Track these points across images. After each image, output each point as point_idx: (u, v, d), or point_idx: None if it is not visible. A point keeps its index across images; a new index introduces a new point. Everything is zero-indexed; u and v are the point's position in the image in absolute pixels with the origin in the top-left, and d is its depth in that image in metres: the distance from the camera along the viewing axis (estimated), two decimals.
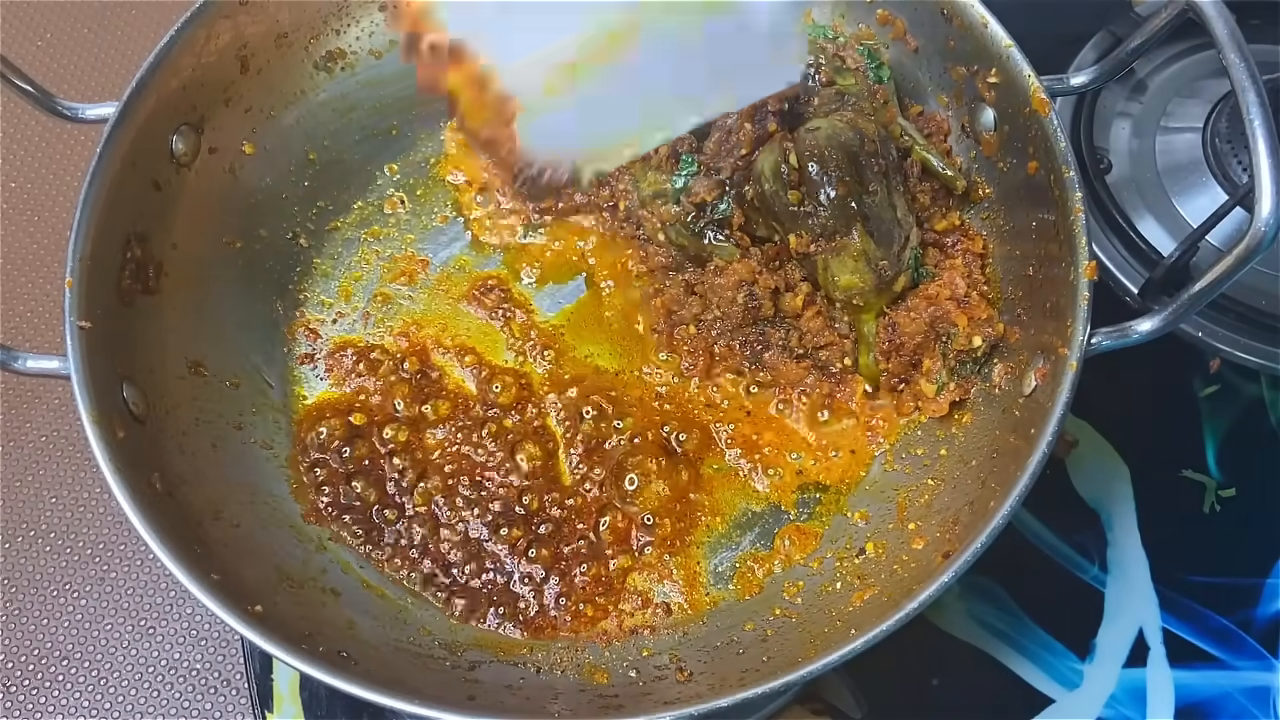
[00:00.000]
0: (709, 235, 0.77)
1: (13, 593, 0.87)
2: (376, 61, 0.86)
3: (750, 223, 0.76)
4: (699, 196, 0.76)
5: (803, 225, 0.73)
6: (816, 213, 0.72)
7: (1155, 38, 0.71)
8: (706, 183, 0.76)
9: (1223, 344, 0.85)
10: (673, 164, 0.78)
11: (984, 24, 0.74)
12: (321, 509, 0.75)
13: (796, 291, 0.76)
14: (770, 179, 0.73)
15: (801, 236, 0.73)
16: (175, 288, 0.76)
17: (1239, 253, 0.58)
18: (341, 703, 0.79)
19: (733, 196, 0.76)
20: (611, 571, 0.74)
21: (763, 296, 0.76)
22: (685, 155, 0.77)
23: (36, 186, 1.03)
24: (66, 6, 1.12)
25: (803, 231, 0.73)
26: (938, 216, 0.78)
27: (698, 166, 0.77)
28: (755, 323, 0.78)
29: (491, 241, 0.86)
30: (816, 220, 0.72)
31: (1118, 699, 0.79)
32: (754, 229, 0.76)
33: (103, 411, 0.65)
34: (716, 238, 0.77)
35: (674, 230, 0.78)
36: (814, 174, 0.72)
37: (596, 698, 0.67)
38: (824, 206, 0.72)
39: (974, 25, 0.74)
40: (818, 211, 0.72)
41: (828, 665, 0.58)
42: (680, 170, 0.77)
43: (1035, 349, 0.70)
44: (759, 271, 0.76)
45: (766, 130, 0.74)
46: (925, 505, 0.72)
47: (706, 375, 0.80)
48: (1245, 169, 0.88)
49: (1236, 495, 0.85)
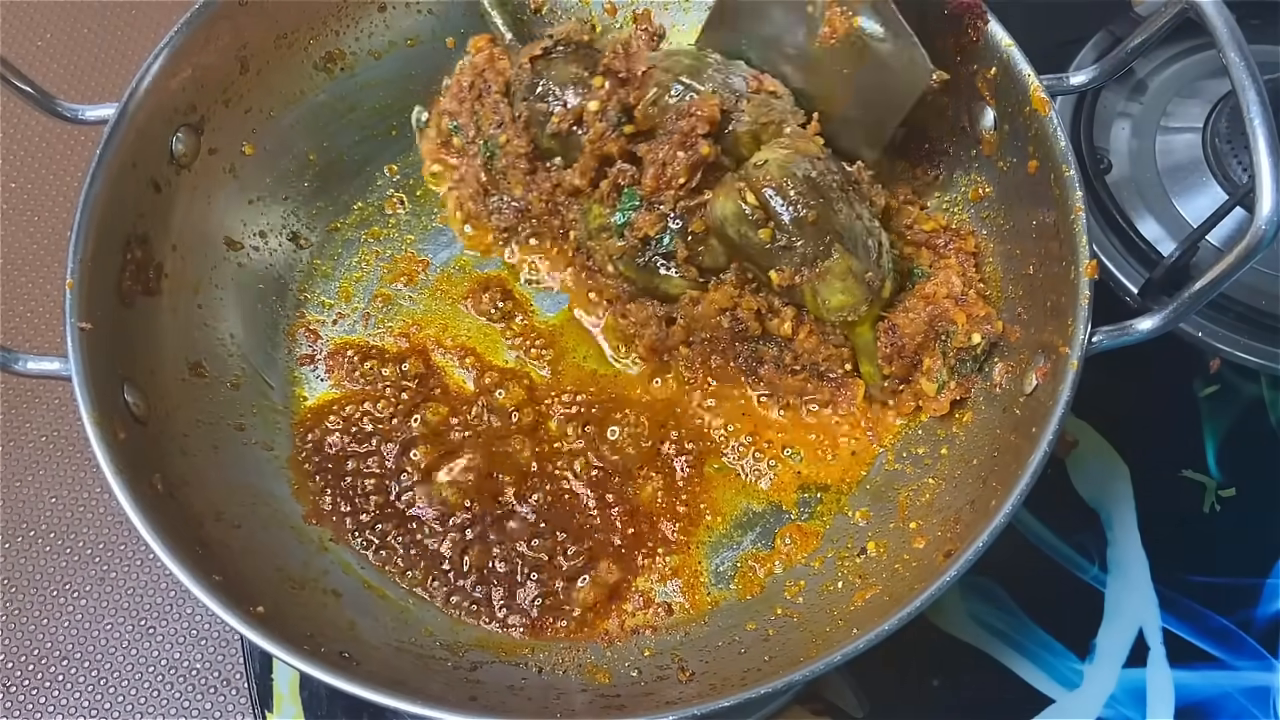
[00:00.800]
0: (657, 268, 0.76)
1: (13, 593, 0.87)
2: (376, 62, 0.86)
3: (695, 255, 0.75)
4: (642, 230, 0.75)
5: (781, 260, 0.71)
6: (792, 245, 0.71)
7: (1155, 38, 0.71)
8: (649, 216, 0.74)
9: (1223, 344, 0.85)
10: (615, 198, 0.76)
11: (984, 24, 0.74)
12: (323, 510, 0.75)
13: (783, 316, 0.75)
14: (735, 223, 0.71)
15: (783, 271, 0.71)
16: (176, 289, 0.76)
17: (1239, 252, 0.58)
18: (342, 703, 0.79)
19: (676, 230, 0.75)
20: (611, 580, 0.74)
21: (748, 319, 0.75)
22: (627, 189, 0.76)
23: (36, 187, 1.03)
24: (66, 6, 1.12)
25: (783, 266, 0.71)
26: (921, 218, 0.78)
27: (639, 200, 0.75)
28: (746, 340, 0.77)
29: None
30: (794, 252, 0.71)
31: (1118, 699, 0.79)
32: (700, 260, 0.75)
33: (104, 413, 0.65)
34: (664, 270, 0.76)
35: (622, 264, 0.77)
36: (779, 207, 0.70)
37: (598, 698, 0.67)
38: (798, 236, 0.70)
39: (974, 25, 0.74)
40: (793, 243, 0.71)
41: (829, 665, 0.58)
42: (622, 204, 0.76)
43: (1036, 348, 0.70)
44: (738, 296, 0.75)
45: (700, 154, 0.73)
46: (927, 504, 0.72)
47: (706, 388, 0.79)
48: (1245, 169, 0.88)
49: (1236, 495, 0.85)
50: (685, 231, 0.74)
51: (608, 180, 0.76)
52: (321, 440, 0.78)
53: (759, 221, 0.71)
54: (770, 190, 0.70)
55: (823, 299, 0.72)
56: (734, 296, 0.75)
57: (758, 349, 0.77)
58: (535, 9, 0.89)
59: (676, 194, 0.74)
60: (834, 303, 0.72)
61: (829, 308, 0.72)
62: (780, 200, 0.70)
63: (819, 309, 0.73)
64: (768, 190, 0.70)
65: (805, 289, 0.72)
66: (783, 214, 0.70)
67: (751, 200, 0.71)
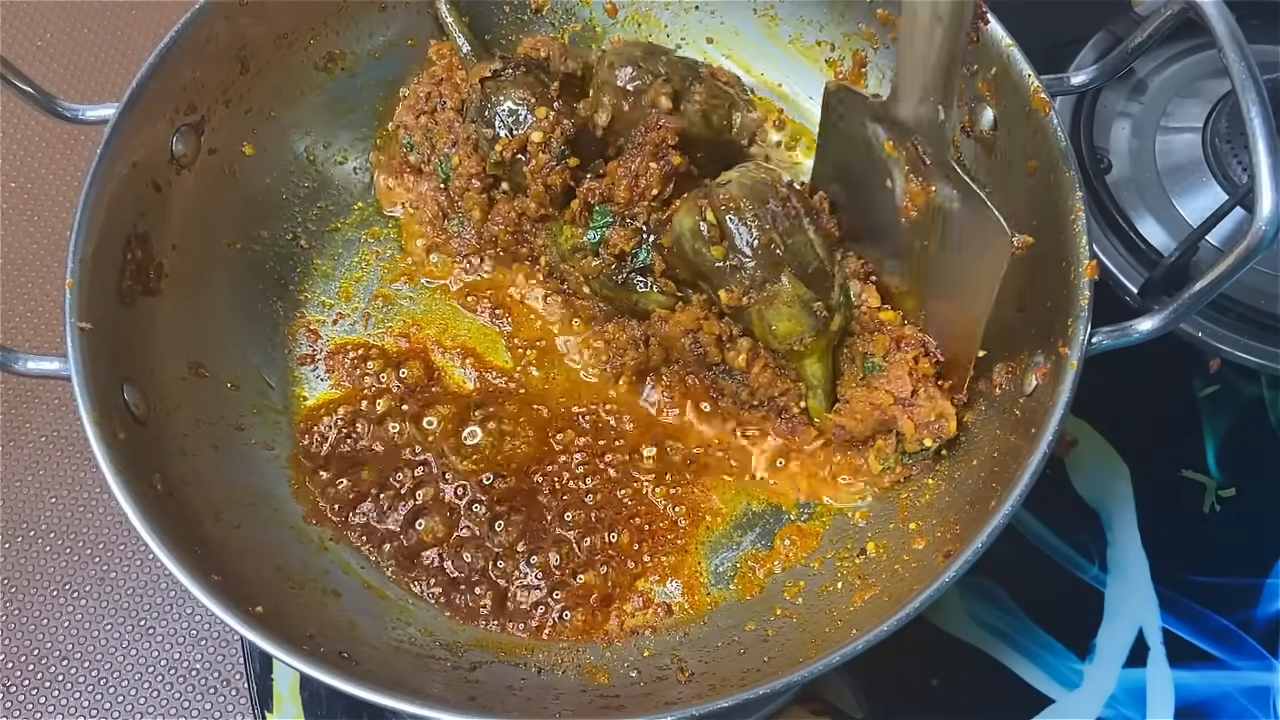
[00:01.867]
0: (635, 284, 0.76)
1: (13, 593, 0.87)
2: (376, 62, 0.86)
3: (671, 268, 0.75)
4: (617, 247, 0.75)
5: (731, 280, 0.71)
6: (743, 265, 0.71)
7: (1155, 38, 0.71)
8: (623, 232, 0.75)
9: (1223, 344, 0.85)
10: (586, 217, 0.77)
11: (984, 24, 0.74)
12: (323, 510, 0.75)
13: (738, 348, 0.74)
14: (690, 238, 0.72)
15: (732, 291, 0.71)
16: (176, 289, 0.76)
17: (1239, 252, 0.58)
18: (341, 703, 0.79)
19: (651, 244, 0.75)
20: (612, 584, 0.74)
21: (707, 344, 0.75)
22: (598, 207, 0.76)
23: (36, 186, 1.03)
24: (66, 6, 1.12)
25: (732, 286, 0.71)
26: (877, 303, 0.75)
27: (612, 216, 0.76)
28: (708, 368, 0.77)
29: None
30: (744, 272, 0.71)
31: (1118, 699, 0.79)
32: (676, 274, 0.75)
33: (103, 412, 0.65)
34: (641, 286, 0.76)
35: (598, 283, 0.78)
36: (734, 227, 0.71)
37: (598, 698, 0.67)
38: (749, 257, 0.71)
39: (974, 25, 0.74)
40: (743, 264, 0.71)
41: (829, 665, 0.58)
42: (594, 223, 0.76)
43: (1036, 348, 0.70)
44: (703, 318, 0.75)
45: (672, 164, 0.74)
46: (926, 505, 0.72)
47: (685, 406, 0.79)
48: (1245, 169, 0.88)
49: (1236, 495, 0.85)
50: (659, 245, 0.74)
51: (578, 200, 0.76)
52: (321, 440, 0.78)
53: (713, 239, 0.71)
54: (726, 208, 0.71)
55: (769, 323, 0.72)
56: (699, 318, 0.75)
57: (718, 380, 0.77)
58: (536, 9, 0.89)
59: (650, 205, 0.75)
60: (780, 329, 0.72)
61: (775, 334, 0.72)
62: (735, 220, 0.71)
63: (766, 334, 0.73)
64: (723, 208, 0.71)
65: (753, 312, 0.72)
66: (736, 234, 0.71)
67: (710, 218, 0.71)
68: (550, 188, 0.77)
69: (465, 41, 0.83)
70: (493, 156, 0.78)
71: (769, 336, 0.73)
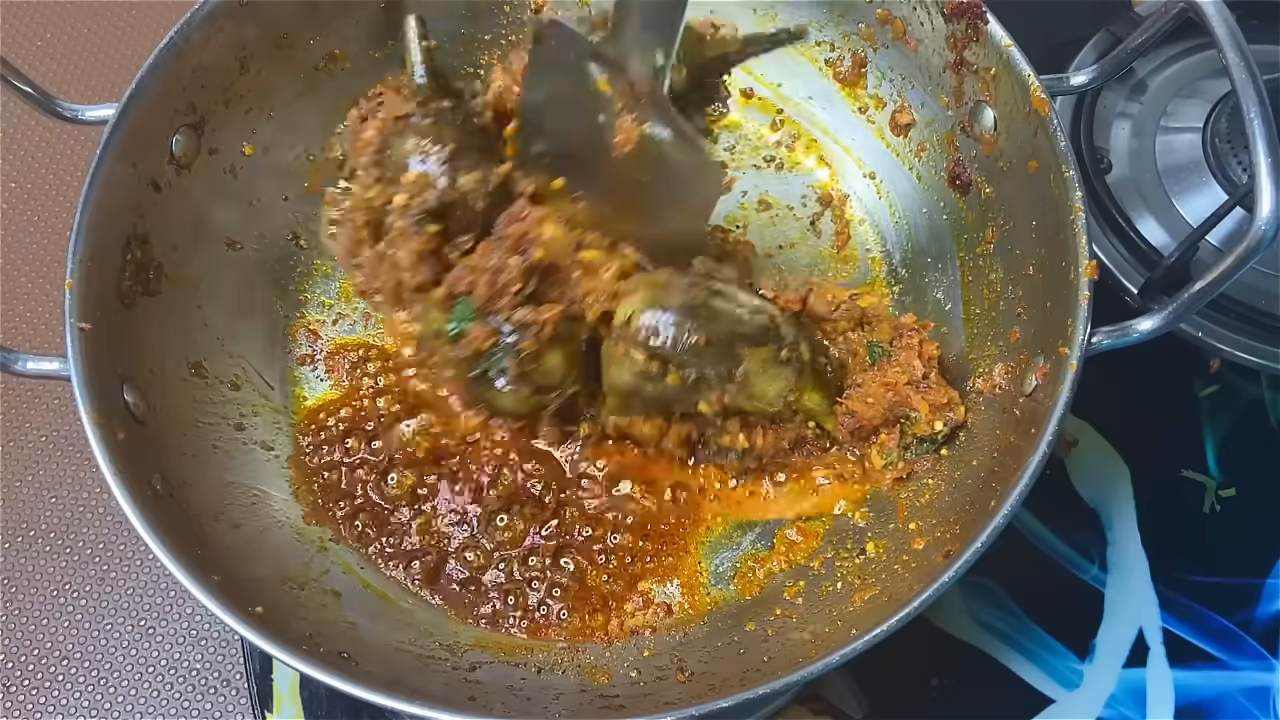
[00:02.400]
0: (491, 381, 0.73)
1: (13, 593, 0.87)
2: (376, 62, 0.86)
3: (527, 374, 0.72)
4: (473, 346, 0.71)
5: (701, 393, 0.70)
6: (703, 374, 0.69)
7: (1155, 38, 0.71)
8: (480, 331, 0.71)
9: (1223, 344, 0.85)
10: (450, 305, 0.73)
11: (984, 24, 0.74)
12: (323, 510, 0.75)
13: (731, 431, 0.73)
14: (640, 385, 0.70)
15: (710, 400, 0.70)
16: (176, 289, 0.76)
17: (1239, 253, 0.58)
18: (342, 703, 0.79)
19: (509, 346, 0.71)
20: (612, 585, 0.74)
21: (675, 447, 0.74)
22: (461, 298, 0.72)
23: (36, 186, 1.03)
24: (66, 6, 1.12)
25: (707, 396, 0.70)
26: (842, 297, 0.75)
27: (473, 311, 0.71)
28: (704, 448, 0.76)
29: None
30: (708, 379, 0.69)
31: (1118, 699, 0.79)
32: (534, 379, 0.72)
33: (103, 413, 0.65)
34: (500, 384, 0.73)
35: (455, 372, 0.74)
36: (669, 350, 0.68)
37: (598, 698, 0.67)
38: (703, 362, 0.69)
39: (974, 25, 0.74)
40: (703, 372, 0.69)
41: (828, 665, 0.58)
42: (455, 314, 0.72)
43: (1036, 348, 0.70)
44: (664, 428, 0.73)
45: (533, 259, 0.71)
46: (926, 505, 0.72)
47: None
48: (1245, 169, 0.88)
49: (1236, 495, 0.85)
50: (518, 350, 0.71)
51: (442, 287, 0.73)
52: (321, 440, 0.78)
53: (661, 373, 0.69)
54: (650, 339, 0.69)
55: (757, 398, 0.71)
56: (661, 428, 0.73)
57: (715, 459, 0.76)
58: (535, 9, 0.89)
59: (512, 301, 0.71)
60: (770, 394, 0.71)
61: (768, 401, 0.71)
62: (665, 343, 0.68)
63: (760, 408, 0.72)
64: (649, 341, 0.69)
65: (739, 401, 0.71)
66: (676, 354, 0.68)
67: (641, 358, 0.69)
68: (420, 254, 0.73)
69: (422, 69, 0.76)
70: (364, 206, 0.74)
71: (764, 407, 0.72)
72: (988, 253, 0.78)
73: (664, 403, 0.72)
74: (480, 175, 0.73)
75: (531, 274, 0.71)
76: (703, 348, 0.69)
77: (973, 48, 0.75)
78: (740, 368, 0.70)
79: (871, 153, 0.87)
